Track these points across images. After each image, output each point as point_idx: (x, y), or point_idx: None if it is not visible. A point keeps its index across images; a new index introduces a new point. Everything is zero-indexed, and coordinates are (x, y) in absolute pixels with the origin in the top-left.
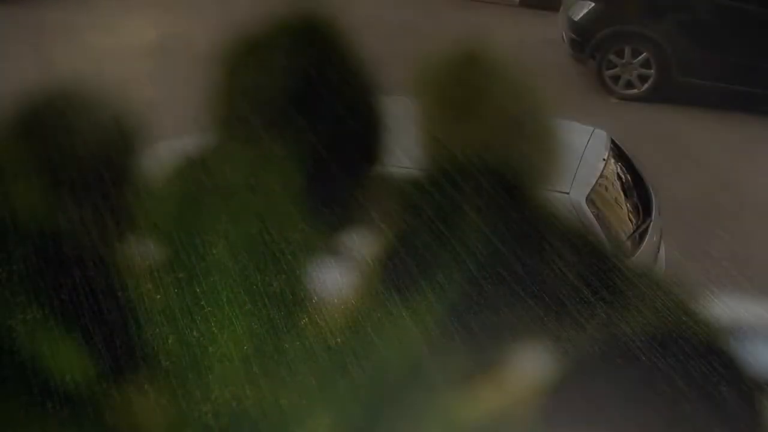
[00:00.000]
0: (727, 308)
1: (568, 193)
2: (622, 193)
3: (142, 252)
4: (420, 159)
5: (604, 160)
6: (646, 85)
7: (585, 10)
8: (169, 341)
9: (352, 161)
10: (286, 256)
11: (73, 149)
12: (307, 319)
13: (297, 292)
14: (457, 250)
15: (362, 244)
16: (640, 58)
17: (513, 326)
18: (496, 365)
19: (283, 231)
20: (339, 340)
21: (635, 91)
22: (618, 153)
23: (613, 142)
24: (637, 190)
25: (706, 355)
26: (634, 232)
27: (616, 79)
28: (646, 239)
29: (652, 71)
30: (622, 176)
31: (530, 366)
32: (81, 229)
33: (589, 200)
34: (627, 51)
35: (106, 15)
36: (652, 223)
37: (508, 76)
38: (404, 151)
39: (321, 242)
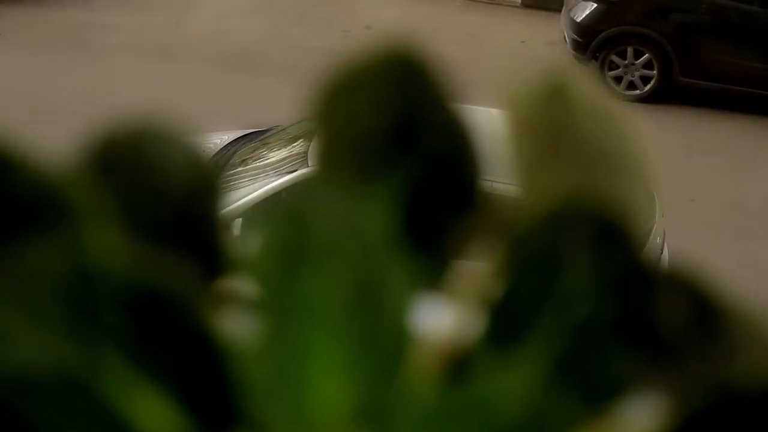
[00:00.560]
0: None
1: None
2: None
3: (236, 302)
4: (513, 201)
5: None
6: (648, 86)
7: (587, 11)
8: (266, 394)
9: (452, 201)
10: (389, 301)
11: (155, 188)
12: (411, 368)
13: (400, 338)
14: (562, 295)
15: (466, 285)
16: (642, 59)
17: (622, 375)
18: (608, 415)
19: (385, 275)
20: (446, 389)
21: (637, 92)
22: None
23: None
24: None
25: None
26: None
27: (618, 79)
28: (649, 241)
29: (654, 72)
30: None
31: (641, 417)
32: (169, 279)
33: None
34: (629, 52)
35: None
36: (654, 226)
37: (598, 107)
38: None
39: (424, 284)
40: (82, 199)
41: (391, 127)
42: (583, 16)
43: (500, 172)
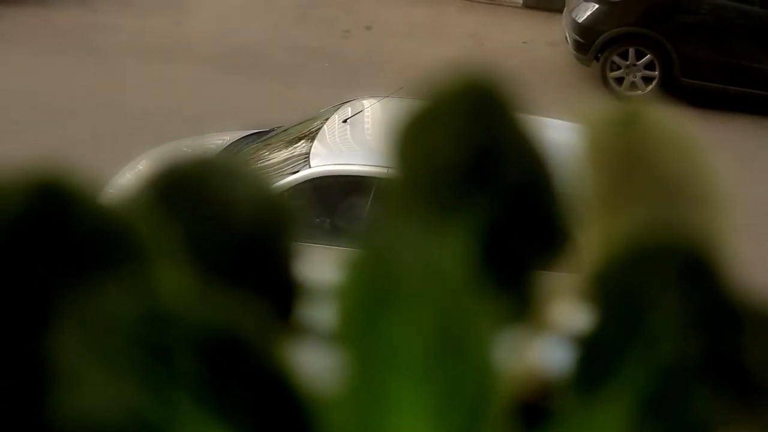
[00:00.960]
0: None
1: None
2: None
3: (315, 349)
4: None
5: None
6: (650, 87)
7: (589, 12)
8: None
9: (534, 236)
10: (473, 345)
11: (223, 222)
12: (496, 411)
13: (485, 383)
14: (648, 335)
15: (549, 321)
16: (644, 59)
17: (711, 419)
18: None
19: (468, 318)
20: None
21: (639, 92)
22: None
23: None
24: None
25: None
26: None
27: (620, 80)
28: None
29: (656, 73)
30: None
31: None
32: (242, 321)
33: None
34: (631, 52)
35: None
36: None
37: (675, 136)
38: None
39: (507, 323)
40: (150, 235)
41: (469, 159)
42: (585, 16)
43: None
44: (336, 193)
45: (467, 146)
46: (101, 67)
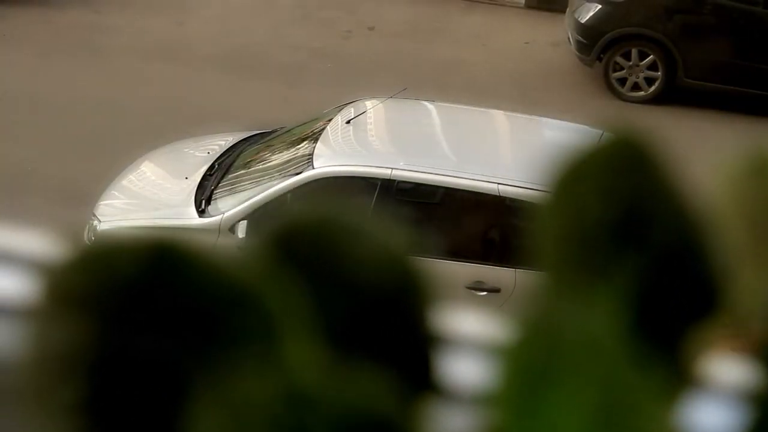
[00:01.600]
0: None
1: None
2: None
3: (455, 412)
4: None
5: None
6: (653, 88)
7: (591, 12)
8: None
9: (686, 295)
10: (635, 421)
11: (350, 286)
12: None
13: None
14: None
15: (708, 383)
16: (646, 60)
17: None
18: None
19: (629, 393)
20: None
21: (642, 93)
22: None
23: None
24: None
25: None
26: None
27: (622, 81)
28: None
29: (659, 73)
30: None
31: None
32: (377, 400)
33: None
34: (634, 53)
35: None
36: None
37: None
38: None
39: (667, 392)
40: (276, 302)
41: (619, 217)
42: (588, 17)
43: (507, 174)
44: (339, 193)
45: (617, 204)
46: (102, 68)
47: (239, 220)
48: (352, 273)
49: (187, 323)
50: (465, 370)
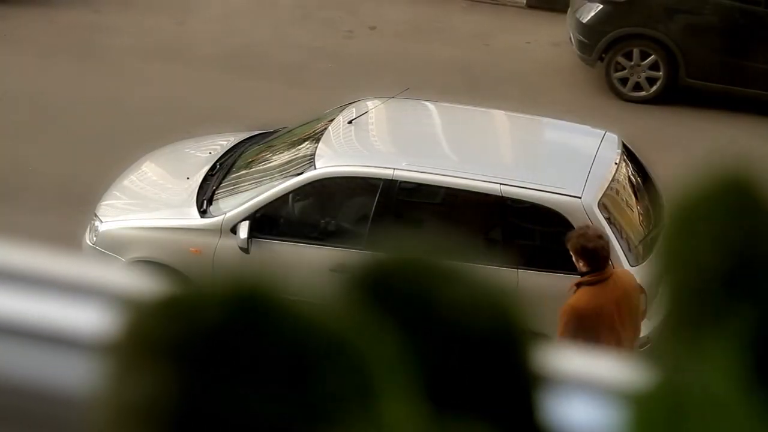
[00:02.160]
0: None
1: (580, 198)
2: (633, 197)
3: None
4: None
5: (615, 163)
6: (654, 88)
7: (593, 12)
8: None
9: None
10: None
11: (448, 332)
12: None
13: None
14: None
15: None
16: (648, 60)
17: None
18: None
19: None
20: None
21: (643, 93)
22: (629, 156)
23: (624, 145)
24: (649, 193)
25: None
26: (645, 236)
27: (624, 81)
28: (658, 244)
29: (660, 73)
30: (634, 180)
31: None
32: None
33: (601, 204)
34: (635, 53)
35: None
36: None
37: None
38: None
39: None
40: (371, 353)
41: (732, 263)
42: (589, 17)
43: (508, 175)
44: (342, 194)
45: (729, 251)
46: (103, 68)
47: (241, 221)
48: (448, 317)
49: (277, 375)
50: (571, 411)
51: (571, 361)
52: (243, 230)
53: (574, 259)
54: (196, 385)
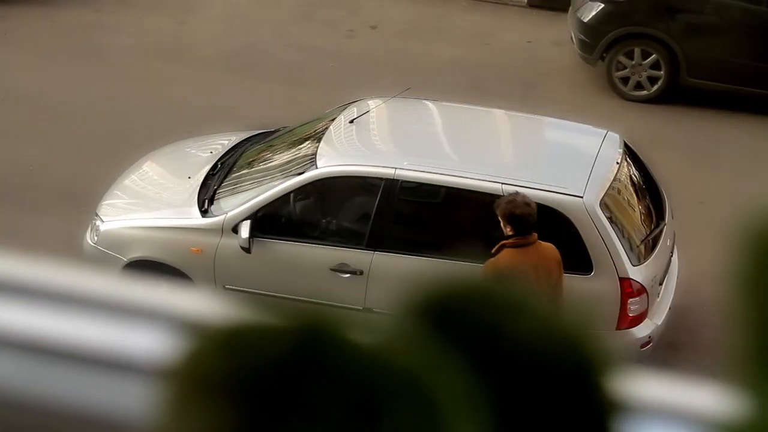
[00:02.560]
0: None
1: (581, 197)
2: (635, 197)
3: None
4: None
5: (617, 163)
6: (655, 87)
7: (594, 11)
8: None
9: None
10: None
11: (518, 365)
12: None
13: None
14: None
15: None
16: (649, 59)
17: None
18: None
19: None
20: None
21: (645, 92)
22: (630, 155)
23: (625, 144)
24: (650, 193)
25: None
26: (647, 236)
27: (625, 80)
28: (660, 244)
29: (661, 73)
30: (635, 179)
31: None
32: None
33: (603, 204)
34: (637, 52)
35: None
36: (665, 227)
37: None
38: None
39: None
40: (440, 389)
41: None
42: (590, 16)
43: (510, 174)
44: (343, 193)
45: None
46: (104, 67)
47: (242, 220)
48: (519, 349)
49: (344, 412)
50: None
51: (650, 388)
52: (244, 230)
53: (501, 224)
54: (258, 422)
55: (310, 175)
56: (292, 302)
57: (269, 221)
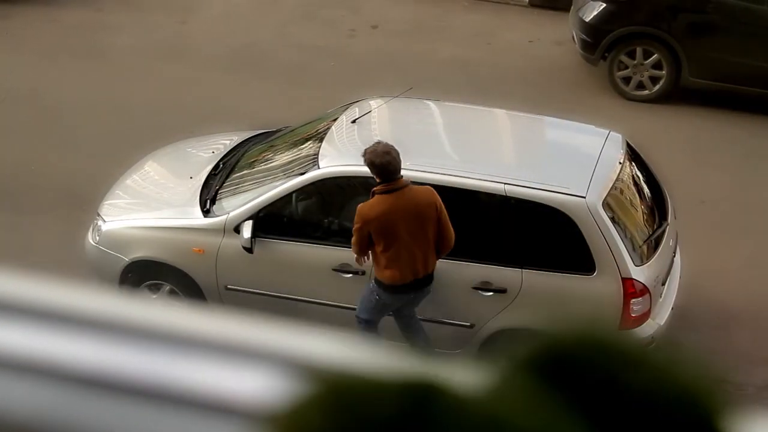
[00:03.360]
0: None
1: (584, 197)
2: (637, 196)
3: None
4: None
5: (620, 163)
6: (657, 87)
7: (596, 11)
8: None
9: None
10: None
11: (633, 424)
12: None
13: None
14: None
15: None
16: (651, 59)
17: None
18: None
19: None
20: None
21: (646, 92)
22: (633, 155)
23: (627, 144)
24: (653, 193)
25: None
26: (650, 236)
27: (627, 80)
28: (662, 244)
29: (663, 72)
30: (638, 179)
31: None
32: None
33: (605, 204)
34: (638, 52)
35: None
36: (667, 227)
37: None
38: None
39: None
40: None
41: None
42: (592, 15)
43: (513, 174)
44: (345, 193)
45: None
46: (106, 67)
47: (244, 220)
48: (639, 403)
49: None
50: None
51: None
52: (246, 230)
53: (369, 170)
54: None
55: (312, 175)
56: (399, 350)
57: (271, 221)
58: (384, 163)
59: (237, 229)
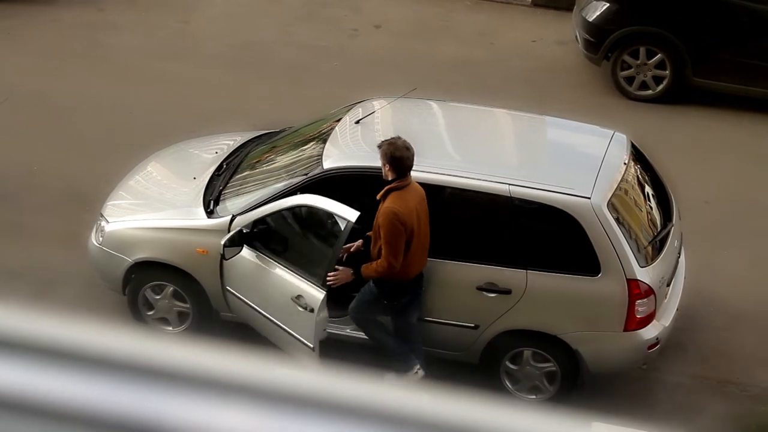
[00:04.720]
0: None
1: (589, 198)
2: (642, 197)
3: None
4: None
5: (624, 163)
6: (660, 87)
7: (599, 11)
8: None
9: None
10: None
11: None
12: None
13: None
14: None
15: None
16: (655, 58)
17: None
18: None
19: None
20: None
21: (650, 92)
22: (637, 156)
23: (632, 145)
24: (657, 193)
25: None
26: (655, 237)
27: (630, 80)
28: (667, 245)
29: (667, 72)
30: (642, 180)
31: None
32: None
33: (610, 205)
34: (642, 52)
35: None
36: (672, 228)
37: None
38: None
39: None
40: None
41: None
42: (595, 15)
43: (516, 175)
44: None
45: None
46: (108, 67)
47: (248, 221)
48: None
49: None
50: None
51: None
52: (246, 230)
53: (381, 163)
54: None
55: (316, 175)
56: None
57: (273, 221)
58: (403, 157)
59: (241, 231)
